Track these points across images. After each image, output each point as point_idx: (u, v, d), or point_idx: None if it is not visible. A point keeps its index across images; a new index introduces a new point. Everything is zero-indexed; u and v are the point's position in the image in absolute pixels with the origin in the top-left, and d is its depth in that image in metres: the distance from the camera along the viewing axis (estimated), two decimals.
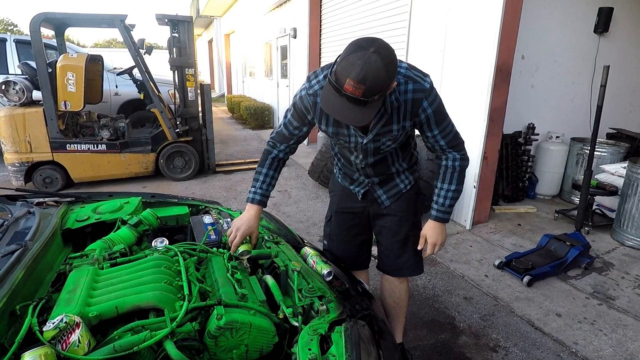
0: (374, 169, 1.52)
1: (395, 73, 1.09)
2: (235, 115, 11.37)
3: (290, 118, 1.46)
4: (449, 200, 1.46)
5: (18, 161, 4.32)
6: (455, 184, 1.45)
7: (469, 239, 3.42)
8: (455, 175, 1.44)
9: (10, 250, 1.08)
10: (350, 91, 1.03)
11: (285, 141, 1.51)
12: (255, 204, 1.46)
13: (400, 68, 1.25)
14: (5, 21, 29.95)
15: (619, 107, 4.90)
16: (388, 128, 1.33)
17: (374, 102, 1.07)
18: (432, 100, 1.29)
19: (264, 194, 1.49)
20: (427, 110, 1.29)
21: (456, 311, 2.41)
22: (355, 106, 1.07)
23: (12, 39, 5.83)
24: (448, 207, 1.47)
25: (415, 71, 1.28)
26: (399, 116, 1.31)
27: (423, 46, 3.99)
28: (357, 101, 1.05)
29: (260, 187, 1.48)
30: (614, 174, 3.62)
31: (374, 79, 1.02)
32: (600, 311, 2.43)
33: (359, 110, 1.07)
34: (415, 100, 1.27)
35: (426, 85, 1.26)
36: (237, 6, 13.19)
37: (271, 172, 1.52)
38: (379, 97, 1.07)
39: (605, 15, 4.16)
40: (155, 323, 0.94)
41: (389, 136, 1.36)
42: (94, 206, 1.64)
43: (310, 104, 1.36)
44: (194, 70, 4.84)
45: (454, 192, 1.45)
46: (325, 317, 1.07)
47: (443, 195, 1.46)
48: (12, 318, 0.95)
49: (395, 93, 1.25)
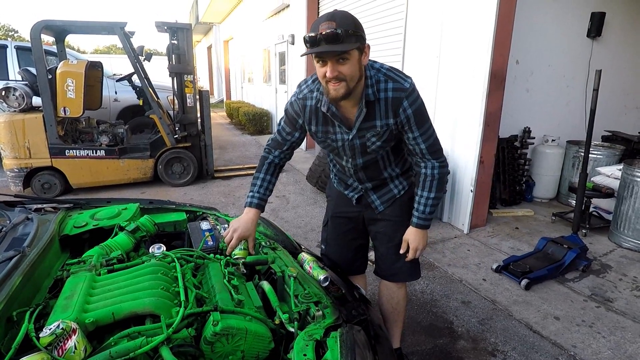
0: (366, 173, 1.54)
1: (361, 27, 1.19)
2: (234, 120, 11.40)
3: (283, 124, 1.53)
4: (428, 207, 1.48)
5: (17, 167, 4.33)
6: (435, 192, 1.47)
7: (467, 243, 3.43)
8: (434, 183, 1.46)
9: (8, 256, 1.09)
10: (326, 30, 1.12)
11: (279, 147, 1.56)
12: (253, 207, 1.49)
13: (382, 68, 1.33)
14: (6, 27, 30.07)
15: (614, 110, 4.93)
16: (371, 123, 1.37)
17: (348, 39, 1.15)
18: (413, 101, 1.32)
19: (262, 197, 1.52)
20: (407, 110, 1.32)
21: (454, 315, 2.42)
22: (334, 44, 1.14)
23: (12, 45, 5.86)
24: (428, 214, 1.49)
25: (398, 72, 1.34)
26: (381, 112, 1.34)
27: (419, 52, 4.02)
28: (334, 37, 1.13)
29: (258, 191, 1.52)
30: (610, 176, 3.65)
31: (342, 15, 1.15)
32: (598, 313, 2.43)
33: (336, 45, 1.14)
34: (395, 99, 1.31)
35: (406, 85, 1.31)
36: (235, 13, 13.27)
37: (268, 176, 1.55)
38: (354, 33, 1.15)
39: (598, 20, 4.21)
40: (151, 329, 0.94)
41: (372, 132, 1.38)
42: (91, 212, 1.65)
43: (300, 108, 1.43)
44: (192, 76, 4.87)
45: (433, 199, 1.47)
46: (321, 323, 1.08)
47: (423, 203, 1.48)
48: (9, 324, 0.95)
49: (373, 87, 1.31)
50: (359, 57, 1.21)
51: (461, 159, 3.63)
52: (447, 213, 3.89)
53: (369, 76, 1.31)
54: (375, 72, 1.32)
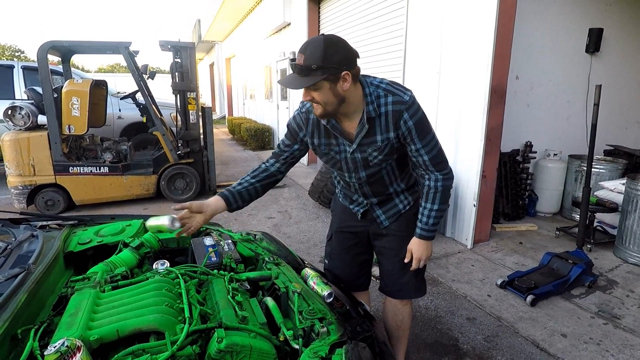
0: (371, 188, 1.54)
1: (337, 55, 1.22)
2: (236, 136, 11.48)
3: (283, 138, 1.59)
4: (432, 219, 1.48)
5: (21, 184, 4.35)
6: (439, 204, 1.47)
7: (471, 258, 3.41)
8: (438, 195, 1.46)
9: (13, 273, 1.09)
10: (297, 61, 1.23)
11: (275, 157, 1.61)
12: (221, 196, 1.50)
13: (381, 83, 1.36)
14: (12, 48, 30.69)
15: (615, 124, 4.96)
16: (372, 139, 1.39)
17: (313, 73, 1.22)
18: (413, 113, 1.34)
19: (234, 190, 1.52)
20: (408, 122, 1.34)
21: (459, 332, 2.38)
22: (298, 76, 1.25)
23: (19, 66, 5.97)
24: (432, 225, 1.49)
25: (397, 86, 1.37)
26: (381, 127, 1.37)
27: (419, 68, 4.08)
28: (300, 69, 1.23)
29: (236, 185, 1.55)
30: (613, 191, 3.64)
31: (312, 50, 1.21)
32: (606, 331, 2.40)
33: (299, 79, 1.24)
34: (395, 112, 1.33)
35: (405, 98, 1.33)
36: (237, 32, 13.53)
37: (254, 180, 1.57)
38: (317, 68, 1.20)
39: (596, 36, 4.28)
40: (155, 346, 0.93)
41: (374, 147, 1.40)
42: (96, 229, 1.65)
43: (303, 120, 1.48)
44: (195, 94, 4.94)
45: (437, 211, 1.47)
46: (325, 340, 1.07)
47: (427, 215, 1.48)
48: (14, 342, 0.95)
49: (374, 104, 1.34)
50: (331, 86, 1.25)
51: (463, 174, 3.64)
52: (450, 228, 3.87)
53: (368, 93, 1.33)
54: (375, 88, 1.35)
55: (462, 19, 3.46)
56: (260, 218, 4.51)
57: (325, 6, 6.62)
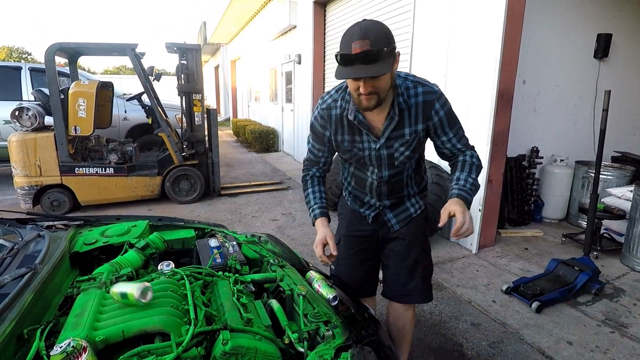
0: (388, 188, 1.51)
1: (391, 35, 1.15)
2: (241, 138, 11.52)
3: (312, 142, 1.53)
4: (469, 184, 1.35)
5: (27, 185, 4.38)
6: (475, 174, 1.39)
7: (476, 263, 3.38)
8: (474, 167, 1.40)
9: (20, 273, 1.09)
10: (360, 49, 1.09)
11: (314, 165, 1.59)
12: (318, 217, 1.51)
13: (408, 76, 1.35)
14: (20, 50, 31.01)
15: (623, 131, 4.92)
16: (400, 132, 1.36)
17: (385, 57, 1.12)
18: (444, 102, 1.35)
19: (321, 206, 1.54)
20: (440, 112, 1.35)
21: (464, 338, 2.36)
22: (369, 65, 1.11)
23: (27, 67, 6.03)
24: (470, 189, 1.35)
25: (422, 78, 1.37)
26: (410, 119, 1.35)
27: (425, 72, 4.07)
28: (369, 56, 1.10)
29: (315, 202, 1.55)
30: (621, 198, 3.60)
31: (376, 31, 1.10)
32: (612, 339, 2.36)
33: (373, 66, 1.12)
34: (426, 103, 1.33)
35: (435, 88, 1.34)
36: (243, 34, 13.61)
37: (316, 188, 1.58)
38: (388, 49, 1.11)
39: (604, 41, 4.25)
40: (161, 348, 0.93)
41: (401, 140, 1.38)
42: (102, 229, 1.65)
43: (326, 117, 1.42)
44: (201, 95, 4.96)
45: (473, 179, 1.37)
46: (331, 343, 1.06)
47: (463, 179, 1.36)
48: (20, 342, 0.95)
49: (404, 95, 1.31)
50: (392, 68, 1.19)
51: None
52: None
53: (398, 85, 1.30)
54: (403, 80, 1.33)
55: (470, 22, 3.45)
56: (264, 220, 4.51)
57: (331, 9, 6.64)
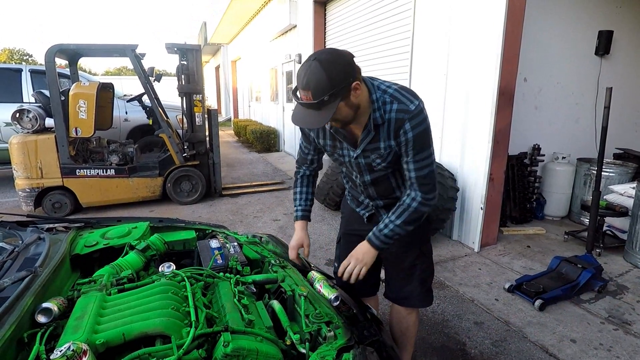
0: (376, 190, 1.52)
1: (341, 72, 1.14)
2: (242, 138, 11.52)
3: (301, 140, 1.61)
4: (388, 230, 1.37)
5: (29, 187, 4.39)
6: (401, 220, 1.36)
7: (478, 262, 3.37)
8: (406, 213, 1.36)
9: (20, 276, 1.09)
10: (303, 99, 1.17)
11: (304, 162, 1.66)
12: (299, 220, 1.64)
13: (389, 89, 1.30)
14: (20, 52, 31.08)
15: (624, 128, 4.90)
16: (376, 145, 1.36)
17: (327, 103, 1.16)
18: (416, 124, 1.27)
19: (304, 209, 1.65)
20: (408, 133, 1.27)
21: (467, 337, 2.35)
22: (313, 111, 1.18)
23: (27, 69, 6.04)
24: (384, 236, 1.38)
25: (406, 93, 1.29)
26: (385, 134, 1.33)
27: (426, 70, 4.06)
28: (311, 105, 1.16)
29: (299, 204, 1.66)
30: (623, 195, 3.58)
31: (316, 82, 1.13)
32: (616, 337, 2.35)
33: (316, 114, 1.18)
34: (397, 120, 1.28)
35: (411, 107, 1.26)
36: (243, 34, 13.60)
37: (303, 189, 1.67)
38: (330, 97, 1.14)
39: (606, 38, 4.24)
40: (161, 350, 0.93)
41: (377, 153, 1.37)
42: (102, 231, 1.65)
43: None
44: (201, 96, 4.96)
45: (397, 226, 1.37)
46: (332, 344, 1.06)
47: (385, 224, 1.39)
48: (20, 346, 0.94)
49: (380, 110, 1.29)
50: (346, 102, 1.20)
51: (471, 176, 3.61)
52: (457, 231, 3.84)
53: (375, 99, 1.28)
54: (382, 94, 1.29)
55: (470, 20, 3.44)
56: (265, 220, 4.50)
57: (331, 8, 6.63)
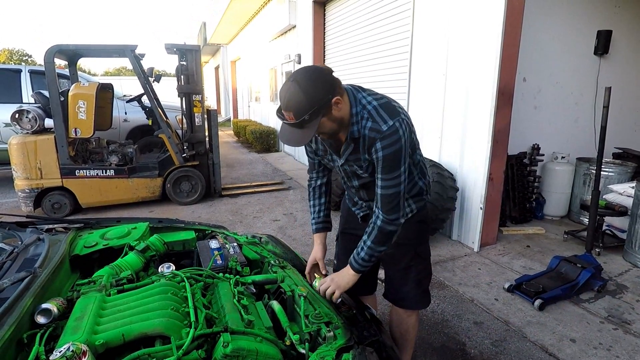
0: (367, 193, 1.54)
1: (320, 91, 1.18)
2: (241, 139, 11.53)
3: (306, 148, 1.60)
4: (362, 253, 1.39)
5: (28, 187, 4.38)
6: (371, 241, 1.37)
7: (477, 262, 3.38)
8: (373, 233, 1.37)
9: (19, 277, 1.09)
10: (287, 118, 1.22)
11: (313, 169, 1.66)
12: (315, 233, 1.66)
13: (369, 104, 1.30)
14: (20, 52, 31.08)
15: (624, 127, 4.91)
16: (357, 156, 1.38)
17: (309, 122, 1.20)
18: (387, 144, 1.26)
19: (319, 221, 1.66)
20: (379, 152, 1.28)
21: (466, 337, 2.35)
22: (296, 129, 1.23)
23: (26, 70, 6.03)
24: (361, 260, 1.39)
25: (382, 111, 1.28)
26: (363, 148, 1.34)
27: (425, 70, 4.06)
28: (294, 125, 1.21)
29: (315, 217, 1.67)
30: (623, 194, 3.59)
31: (296, 103, 1.18)
32: (616, 336, 2.36)
33: (300, 133, 1.23)
34: (370, 138, 1.29)
35: (383, 128, 1.25)
36: (243, 34, 13.60)
37: (316, 201, 1.67)
38: (310, 116, 1.18)
39: (604, 38, 4.24)
40: (161, 351, 0.93)
41: (358, 163, 1.39)
42: (102, 232, 1.65)
43: None
44: (201, 96, 4.96)
45: (368, 248, 1.38)
46: (332, 344, 1.06)
47: (361, 247, 1.41)
48: (20, 346, 0.95)
49: (358, 125, 1.30)
50: (328, 117, 1.23)
51: (470, 176, 3.62)
52: (457, 230, 3.84)
53: (355, 113, 1.29)
54: (361, 109, 1.30)
55: (469, 20, 3.44)
56: (265, 220, 4.51)
57: (331, 9, 6.63)
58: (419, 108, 4.11)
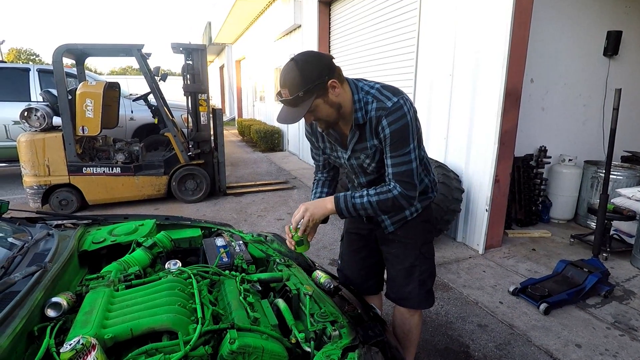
0: None
1: (315, 70, 1.21)
2: (246, 138, 11.56)
3: (310, 147, 1.62)
4: (358, 201, 1.35)
5: (36, 184, 4.43)
6: (377, 199, 1.33)
7: (482, 264, 3.36)
8: (383, 195, 1.33)
9: (30, 271, 1.10)
10: (283, 95, 1.24)
11: (317, 169, 1.68)
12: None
13: (372, 89, 1.33)
14: (28, 52, 31.36)
15: (632, 130, 4.85)
16: (363, 145, 1.38)
17: (302, 100, 1.22)
18: (393, 120, 1.26)
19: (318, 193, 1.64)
20: (386, 129, 1.28)
21: (470, 339, 2.34)
22: (290, 108, 1.26)
23: (35, 69, 6.09)
24: (351, 204, 1.35)
25: (386, 91, 1.31)
26: (369, 134, 1.35)
27: (432, 70, 4.05)
28: (289, 102, 1.24)
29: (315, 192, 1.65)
30: (631, 198, 3.55)
31: (291, 80, 1.21)
32: (622, 343, 2.33)
33: (293, 111, 1.25)
34: (377, 118, 1.30)
35: (388, 104, 1.27)
36: (248, 34, 13.64)
37: (318, 189, 1.65)
38: (305, 93, 1.20)
39: (614, 39, 4.19)
40: (168, 346, 0.94)
41: (365, 152, 1.39)
42: (109, 228, 1.66)
43: (308, 129, 1.53)
44: (206, 95, 4.98)
45: (368, 202, 1.34)
46: (337, 343, 1.06)
47: (361, 194, 1.36)
48: (30, 339, 0.96)
49: (362, 111, 1.31)
50: (324, 100, 1.25)
51: (476, 178, 3.60)
52: (462, 232, 3.83)
53: (357, 100, 1.31)
54: (364, 94, 1.32)
55: (477, 20, 3.43)
56: (269, 219, 4.51)
57: (336, 8, 6.63)
58: (425, 108, 4.10)
